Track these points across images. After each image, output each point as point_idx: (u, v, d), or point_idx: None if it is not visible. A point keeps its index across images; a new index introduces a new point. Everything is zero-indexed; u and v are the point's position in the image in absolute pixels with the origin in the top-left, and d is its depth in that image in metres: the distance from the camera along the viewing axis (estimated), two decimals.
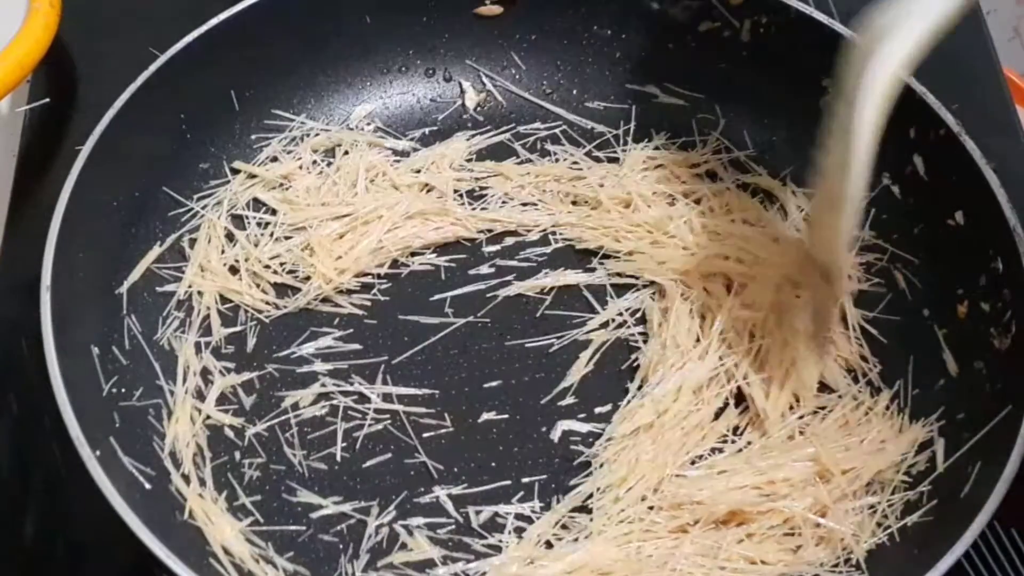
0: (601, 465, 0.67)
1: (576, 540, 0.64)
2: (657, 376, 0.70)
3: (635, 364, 0.71)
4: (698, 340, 0.71)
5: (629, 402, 0.69)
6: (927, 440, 0.67)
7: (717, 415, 0.69)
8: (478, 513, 0.66)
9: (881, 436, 0.68)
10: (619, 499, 0.65)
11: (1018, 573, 0.69)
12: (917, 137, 0.72)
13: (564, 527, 0.65)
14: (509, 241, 0.76)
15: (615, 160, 0.79)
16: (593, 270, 0.75)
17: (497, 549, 0.65)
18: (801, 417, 0.69)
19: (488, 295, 0.74)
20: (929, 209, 0.73)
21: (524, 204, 0.77)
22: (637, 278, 0.74)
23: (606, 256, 0.75)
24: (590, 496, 0.66)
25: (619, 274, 0.74)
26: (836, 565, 0.64)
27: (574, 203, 0.77)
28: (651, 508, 0.65)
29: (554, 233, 0.76)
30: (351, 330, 0.72)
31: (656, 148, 0.79)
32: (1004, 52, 0.88)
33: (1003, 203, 0.68)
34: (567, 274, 0.75)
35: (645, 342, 0.72)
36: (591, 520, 0.65)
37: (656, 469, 0.66)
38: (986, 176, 0.69)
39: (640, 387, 0.70)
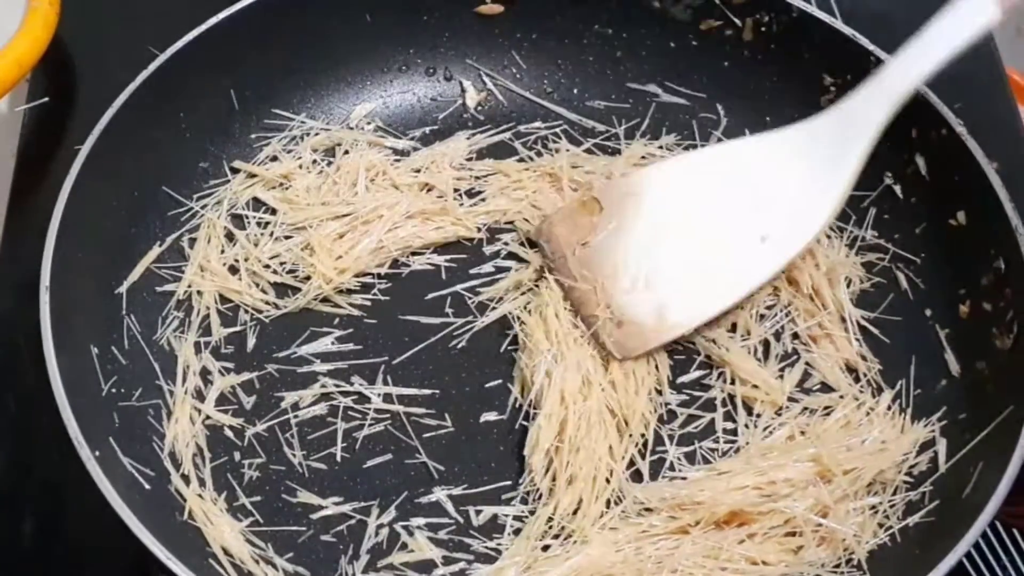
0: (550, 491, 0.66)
1: (572, 541, 0.64)
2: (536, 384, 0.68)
3: None
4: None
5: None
6: (929, 440, 0.67)
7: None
8: (478, 513, 0.66)
9: (883, 436, 0.67)
10: (585, 516, 0.65)
11: (1019, 573, 0.69)
12: (919, 137, 0.72)
13: (559, 532, 0.65)
14: (507, 238, 0.76)
15: (616, 153, 0.78)
16: None
17: (497, 551, 0.65)
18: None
19: (487, 295, 0.74)
20: (931, 209, 0.73)
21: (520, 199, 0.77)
22: None
23: None
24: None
25: None
26: (837, 566, 0.64)
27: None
28: (648, 510, 0.65)
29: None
30: (351, 330, 0.72)
31: (660, 147, 0.79)
32: (1007, 51, 0.87)
33: (1005, 203, 0.68)
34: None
35: None
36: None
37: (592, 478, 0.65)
38: (988, 176, 0.69)
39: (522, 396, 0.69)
